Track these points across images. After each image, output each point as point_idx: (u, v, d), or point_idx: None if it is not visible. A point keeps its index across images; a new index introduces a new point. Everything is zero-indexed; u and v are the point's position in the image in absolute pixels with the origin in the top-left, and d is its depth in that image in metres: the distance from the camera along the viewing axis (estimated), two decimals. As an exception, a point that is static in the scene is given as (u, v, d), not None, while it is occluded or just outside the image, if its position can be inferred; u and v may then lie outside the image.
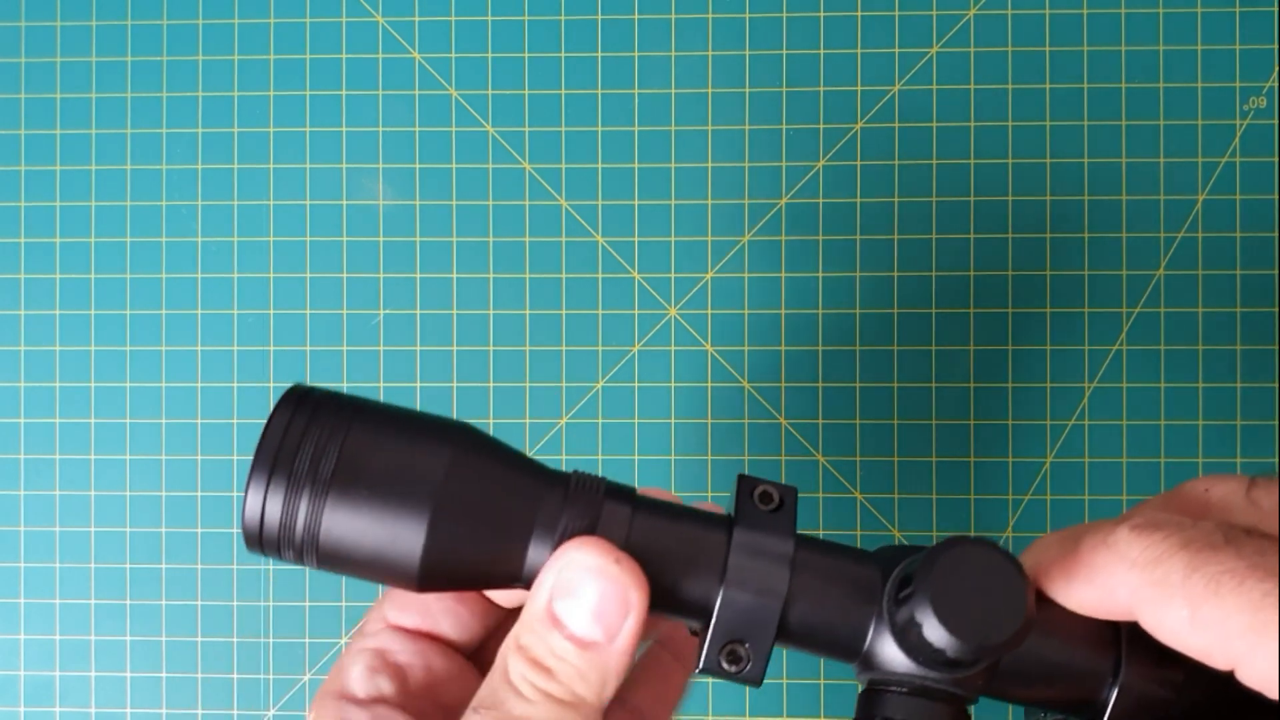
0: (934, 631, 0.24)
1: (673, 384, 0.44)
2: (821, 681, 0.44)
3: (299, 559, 0.26)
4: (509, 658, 0.26)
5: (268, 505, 0.25)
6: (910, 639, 0.25)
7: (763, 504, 0.27)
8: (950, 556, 0.24)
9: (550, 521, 0.26)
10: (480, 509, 0.26)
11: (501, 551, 0.26)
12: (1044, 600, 0.27)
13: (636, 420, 0.44)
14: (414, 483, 0.25)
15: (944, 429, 0.44)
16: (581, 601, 0.25)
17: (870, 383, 0.44)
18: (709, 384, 0.44)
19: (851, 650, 0.26)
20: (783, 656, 0.44)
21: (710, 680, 0.44)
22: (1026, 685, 0.27)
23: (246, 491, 0.25)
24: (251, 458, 0.25)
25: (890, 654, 0.26)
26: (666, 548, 0.26)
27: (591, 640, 0.25)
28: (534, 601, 0.26)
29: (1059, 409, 0.44)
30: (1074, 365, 0.44)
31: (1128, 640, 0.26)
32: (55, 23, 0.46)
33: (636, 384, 0.44)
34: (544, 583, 0.26)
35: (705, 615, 0.26)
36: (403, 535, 0.25)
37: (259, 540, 0.26)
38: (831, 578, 0.26)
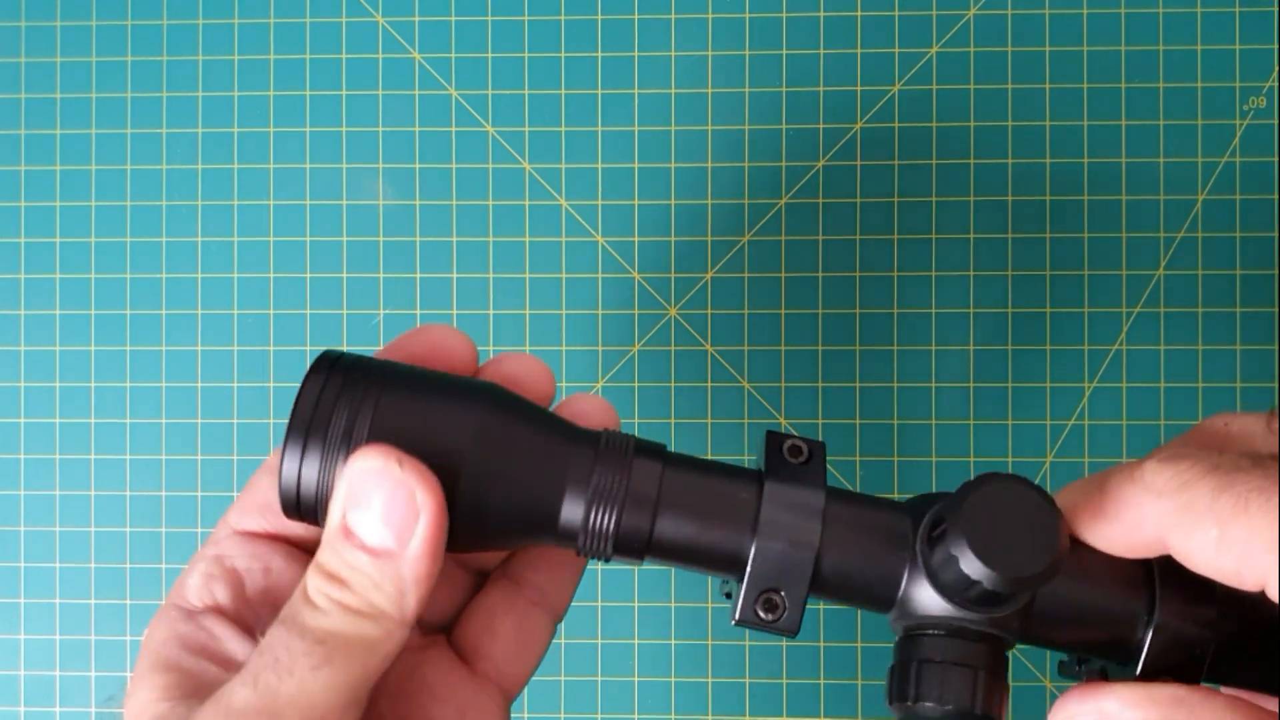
0: (969, 565, 0.24)
1: (673, 384, 0.44)
2: (821, 682, 0.44)
3: None
4: (307, 576, 0.25)
5: (304, 471, 0.25)
6: (945, 577, 0.25)
7: (792, 457, 0.27)
8: (982, 492, 0.24)
9: (582, 477, 0.26)
10: (513, 467, 0.26)
11: (535, 508, 0.26)
12: (1075, 543, 0.27)
13: (636, 420, 0.44)
14: (447, 444, 0.25)
15: (944, 429, 0.44)
16: (370, 508, 0.24)
17: (870, 383, 0.44)
18: (709, 384, 0.44)
19: (886, 598, 0.27)
20: (783, 656, 0.44)
21: (709, 684, 0.44)
22: (1062, 628, 0.27)
23: (282, 458, 0.25)
24: (286, 424, 0.25)
25: (926, 598, 0.26)
26: (698, 502, 0.26)
27: (383, 548, 0.24)
28: (330, 518, 0.25)
29: (1059, 409, 0.44)
30: (1074, 365, 0.44)
31: (1160, 580, 0.26)
32: (55, 23, 0.46)
33: (636, 384, 0.44)
34: (337, 496, 0.25)
35: (739, 567, 0.26)
36: None
37: (296, 505, 0.26)
38: (863, 526, 0.27)
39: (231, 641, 0.27)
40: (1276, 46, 0.44)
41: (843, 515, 0.27)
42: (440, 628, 0.31)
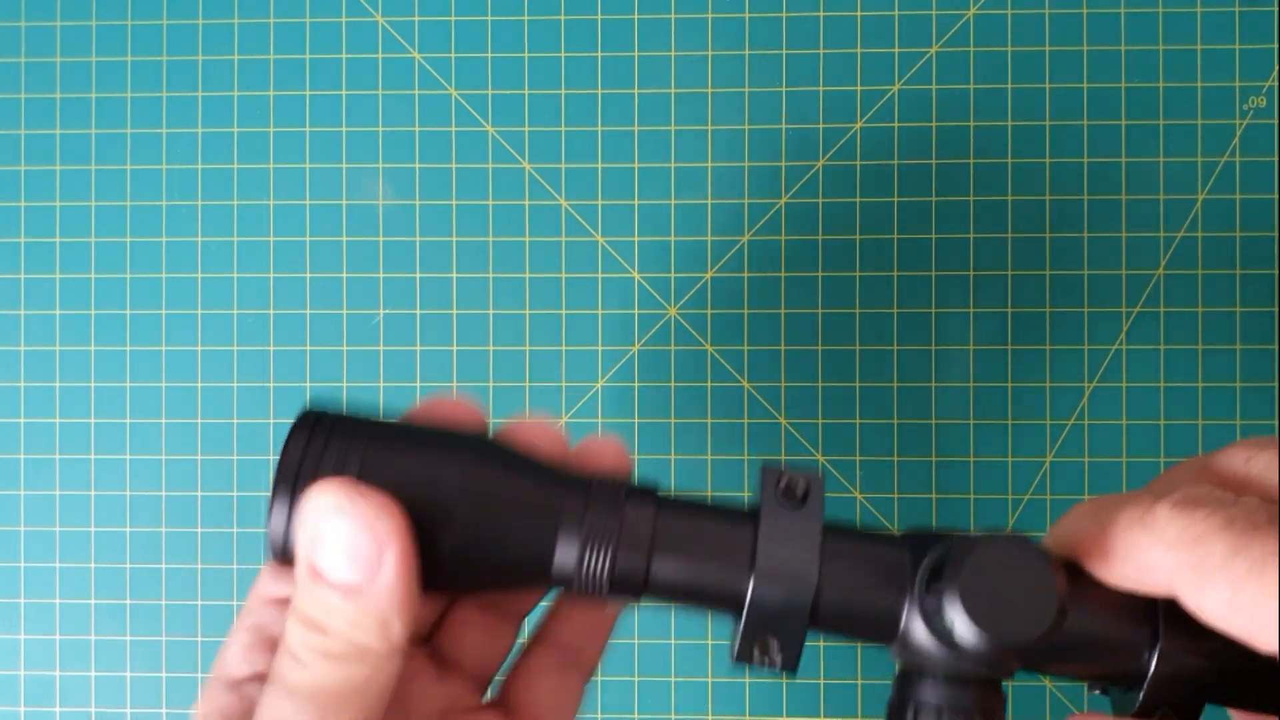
0: (964, 629, 0.24)
1: (673, 384, 0.44)
2: (821, 682, 0.44)
3: None
4: (287, 626, 0.25)
5: (293, 522, 0.26)
6: (940, 632, 0.25)
7: (788, 494, 0.27)
8: (981, 554, 0.24)
9: (575, 521, 0.26)
10: (504, 512, 0.26)
11: (527, 552, 0.26)
12: (1079, 573, 0.26)
13: (636, 420, 0.44)
14: (435, 494, 0.26)
15: (944, 429, 0.44)
16: (333, 546, 0.24)
17: (870, 383, 0.44)
18: (709, 384, 0.44)
19: (886, 635, 0.27)
20: (783, 656, 0.44)
21: (709, 684, 0.44)
22: (1063, 661, 0.27)
23: (270, 510, 0.26)
24: (273, 474, 0.25)
25: (923, 638, 0.26)
26: (694, 544, 0.26)
27: (352, 584, 0.24)
28: (298, 561, 0.25)
29: (1059, 409, 0.44)
30: (1074, 365, 0.44)
31: (1165, 609, 0.26)
32: (55, 23, 0.46)
33: (636, 384, 0.44)
34: (300, 539, 0.24)
35: (737, 608, 0.26)
36: (427, 542, 0.26)
37: (284, 555, 0.26)
38: (861, 564, 0.26)
39: None
40: (1276, 46, 0.44)
41: (840, 552, 0.26)
42: (483, 679, 0.31)
